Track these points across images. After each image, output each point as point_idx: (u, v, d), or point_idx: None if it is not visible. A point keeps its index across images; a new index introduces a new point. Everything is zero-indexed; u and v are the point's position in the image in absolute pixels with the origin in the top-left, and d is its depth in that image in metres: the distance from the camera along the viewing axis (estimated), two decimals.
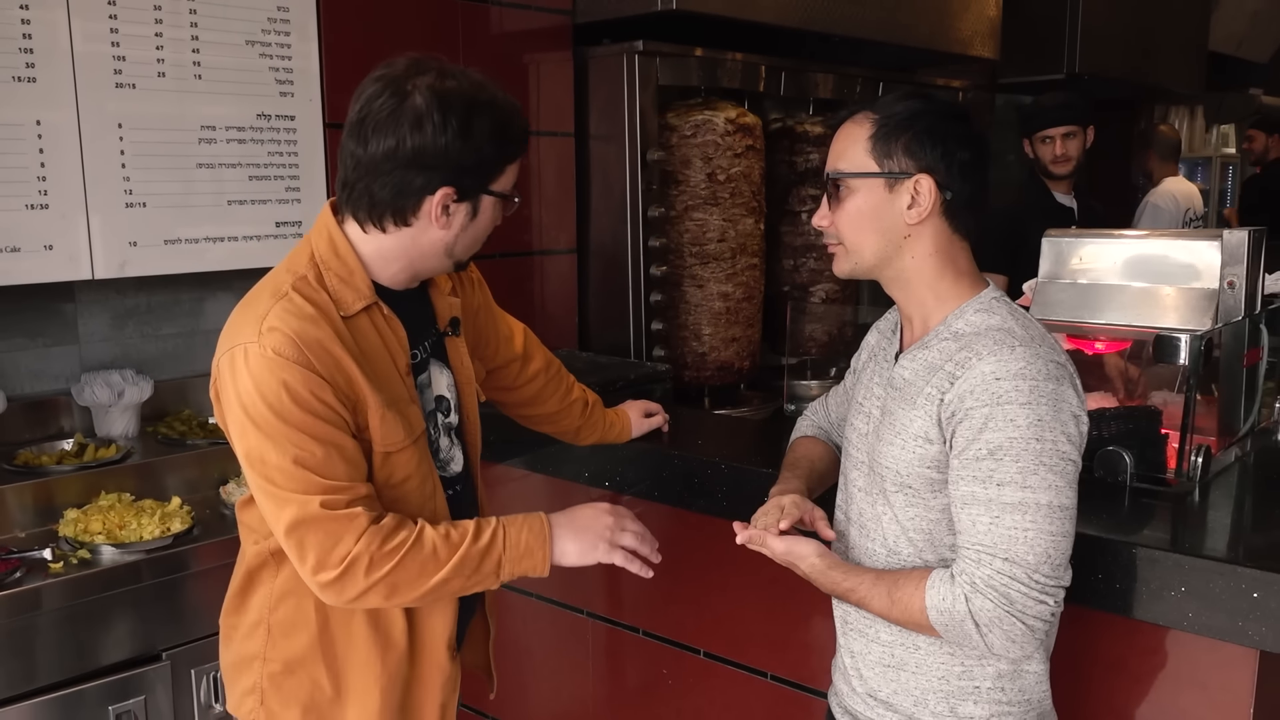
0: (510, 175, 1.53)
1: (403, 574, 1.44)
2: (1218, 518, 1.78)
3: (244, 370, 1.42)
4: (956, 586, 1.31)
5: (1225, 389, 1.98)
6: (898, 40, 3.85)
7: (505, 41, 3.16)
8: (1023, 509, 1.28)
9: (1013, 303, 1.44)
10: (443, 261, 1.56)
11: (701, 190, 3.42)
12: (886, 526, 1.46)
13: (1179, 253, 1.98)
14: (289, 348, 1.40)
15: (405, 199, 1.46)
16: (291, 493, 1.41)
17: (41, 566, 2.04)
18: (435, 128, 1.41)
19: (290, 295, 1.45)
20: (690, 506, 2.12)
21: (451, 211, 1.48)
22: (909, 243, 1.42)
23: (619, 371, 3.04)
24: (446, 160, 1.43)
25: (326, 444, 1.42)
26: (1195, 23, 6.07)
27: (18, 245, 2.29)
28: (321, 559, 1.42)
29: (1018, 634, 1.28)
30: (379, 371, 1.50)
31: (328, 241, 1.52)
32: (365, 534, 1.42)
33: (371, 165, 1.45)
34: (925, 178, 1.39)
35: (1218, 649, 1.52)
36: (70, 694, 2.02)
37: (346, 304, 1.49)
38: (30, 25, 2.26)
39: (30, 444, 2.49)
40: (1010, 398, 1.29)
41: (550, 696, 2.55)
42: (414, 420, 1.54)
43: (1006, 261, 3.35)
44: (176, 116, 2.49)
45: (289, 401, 1.40)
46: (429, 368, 1.65)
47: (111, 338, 2.71)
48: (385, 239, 1.51)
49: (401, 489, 1.52)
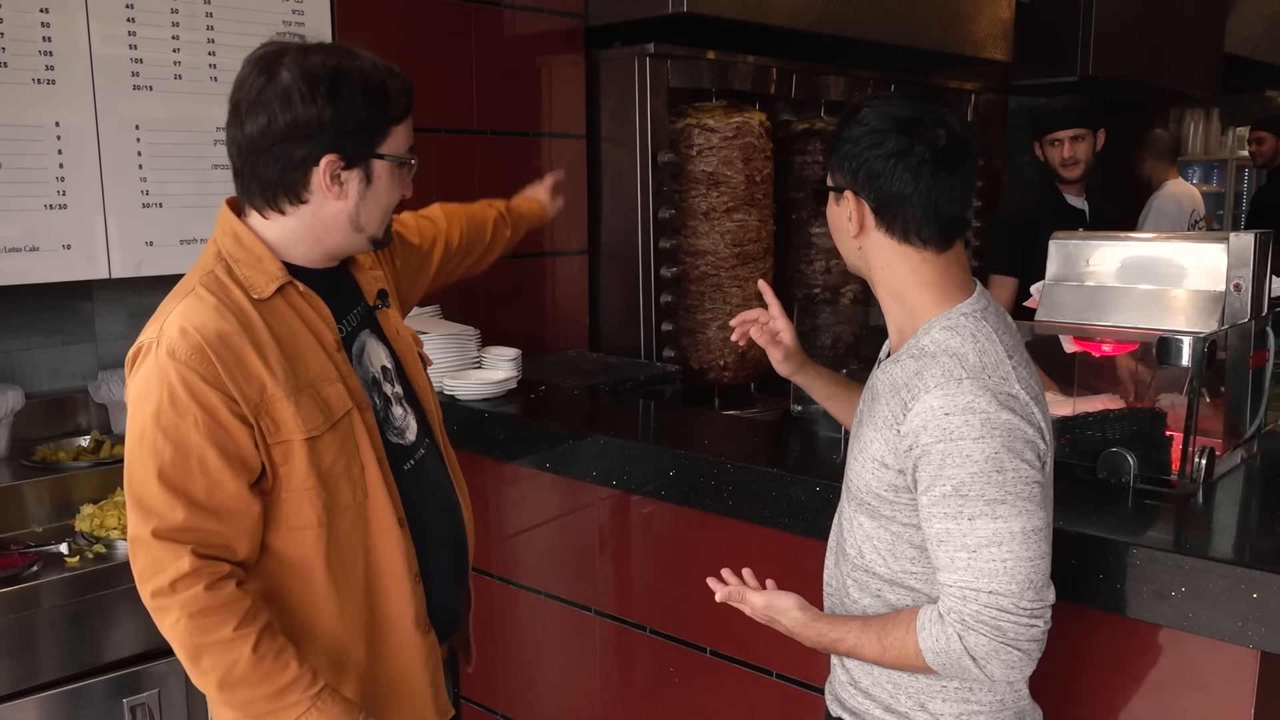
0: (399, 138, 1.52)
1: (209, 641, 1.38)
2: (1221, 519, 1.78)
3: (139, 370, 1.43)
4: (947, 625, 1.32)
5: (1231, 391, 1.98)
6: (910, 42, 3.86)
7: (518, 44, 3.19)
8: (998, 541, 1.28)
9: (981, 321, 1.38)
10: (352, 236, 1.54)
11: (741, 191, 3.46)
12: (856, 532, 1.48)
13: (1186, 255, 1.98)
14: (183, 347, 1.39)
15: (292, 173, 1.46)
16: (135, 506, 1.40)
17: (58, 561, 2.07)
18: (303, 98, 1.42)
19: (196, 291, 1.45)
20: (698, 506, 2.13)
21: (344, 180, 1.48)
22: (864, 254, 1.44)
23: (629, 372, 3.06)
24: (321, 129, 1.44)
25: (190, 457, 1.39)
26: (1210, 25, 6.04)
27: (37, 245, 2.33)
28: (142, 580, 1.40)
29: (1015, 660, 1.30)
30: (301, 353, 1.48)
31: (231, 236, 1.51)
32: (185, 576, 1.37)
33: (251, 147, 1.46)
34: (849, 193, 1.40)
35: (1219, 650, 1.52)
36: (84, 687, 2.05)
37: (259, 287, 1.48)
38: (50, 28, 2.30)
39: (48, 440, 2.53)
40: (962, 433, 1.28)
41: (557, 694, 2.57)
42: (335, 400, 1.50)
43: (1018, 263, 3.36)
44: (192, 118, 2.53)
45: (167, 404, 1.38)
46: (365, 342, 1.63)
47: (128, 336, 2.74)
48: (287, 221, 1.51)
49: (330, 475, 1.49)
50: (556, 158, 3.31)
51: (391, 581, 1.57)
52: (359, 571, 1.54)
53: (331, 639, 1.52)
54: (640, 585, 2.36)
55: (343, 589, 1.52)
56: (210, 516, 1.40)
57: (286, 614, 1.50)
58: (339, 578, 1.51)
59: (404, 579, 1.57)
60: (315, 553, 1.48)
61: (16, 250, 2.31)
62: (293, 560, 1.49)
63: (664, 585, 2.30)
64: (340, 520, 1.51)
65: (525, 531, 2.58)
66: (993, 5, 4.21)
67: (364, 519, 1.53)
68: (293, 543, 1.48)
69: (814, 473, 1.95)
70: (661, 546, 2.29)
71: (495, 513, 2.61)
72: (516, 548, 2.60)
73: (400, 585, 1.57)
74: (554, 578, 2.52)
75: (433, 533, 1.66)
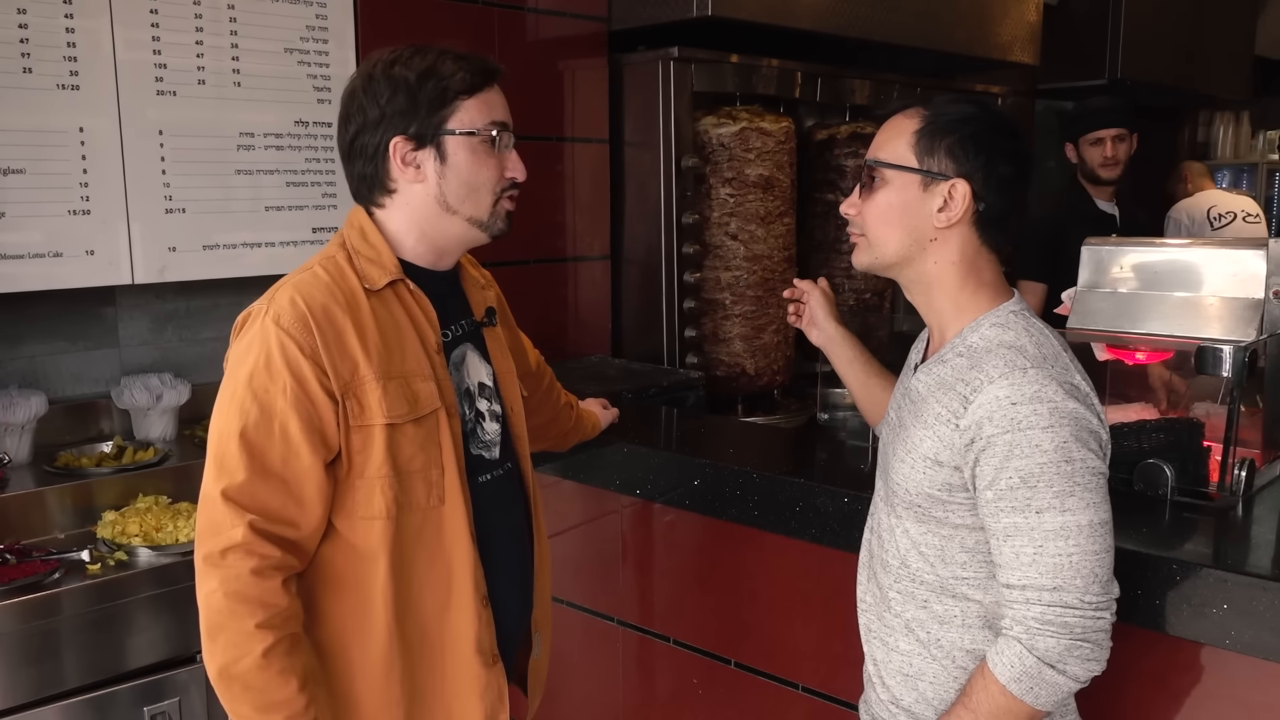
0: (471, 111, 1.54)
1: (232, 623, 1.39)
2: (1261, 533, 1.74)
3: (244, 334, 1.48)
4: (1014, 643, 1.29)
5: (1270, 401, 1.93)
6: (936, 46, 3.82)
7: (541, 48, 3.17)
8: (1064, 534, 1.26)
9: (1031, 317, 1.40)
10: (450, 221, 1.57)
11: (789, 194, 3.48)
12: (899, 539, 1.45)
13: (1223, 262, 1.94)
14: (289, 315, 1.44)
15: (373, 164, 1.55)
16: (212, 462, 1.43)
17: (79, 568, 2.06)
18: (366, 95, 1.53)
19: (314, 269, 1.52)
20: (722, 515, 2.10)
21: (418, 161, 1.53)
22: (934, 246, 1.41)
23: (652, 379, 3.04)
24: (384, 116, 1.52)
25: (273, 421, 1.42)
26: (1241, 27, 5.96)
27: (60, 250, 2.33)
28: (199, 539, 1.42)
29: (1089, 654, 1.27)
30: (401, 344, 1.52)
31: (357, 230, 1.58)
32: (237, 547, 1.38)
33: (345, 152, 1.58)
34: (962, 183, 1.37)
35: (1260, 668, 1.48)
36: (105, 695, 2.04)
37: (373, 279, 1.53)
38: (74, 34, 2.30)
39: (70, 446, 2.53)
40: (1031, 423, 1.27)
41: (581, 704, 2.55)
42: (425, 396, 1.51)
43: (1047, 269, 3.31)
44: (216, 123, 2.52)
45: (263, 367, 1.42)
46: (466, 353, 1.65)
47: (151, 341, 2.74)
48: (391, 213, 1.57)
49: (407, 470, 1.49)
50: (580, 162, 3.29)
51: (458, 597, 1.55)
52: (424, 578, 1.52)
53: (384, 641, 1.50)
54: (664, 595, 2.33)
55: (402, 590, 1.50)
56: (280, 486, 1.42)
57: (344, 604, 1.50)
58: (400, 577, 1.50)
59: (470, 596, 1.55)
60: (381, 544, 1.48)
61: (40, 256, 2.31)
62: (358, 548, 1.49)
63: (688, 596, 2.27)
64: (410, 517, 1.50)
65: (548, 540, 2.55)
66: (1020, 7, 4.16)
67: (437, 524, 1.53)
68: (360, 531, 1.48)
69: (841, 483, 1.92)
70: (685, 556, 2.27)
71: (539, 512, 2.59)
72: None
73: (465, 602, 1.55)
74: (576, 587, 2.49)
75: (500, 555, 1.63)
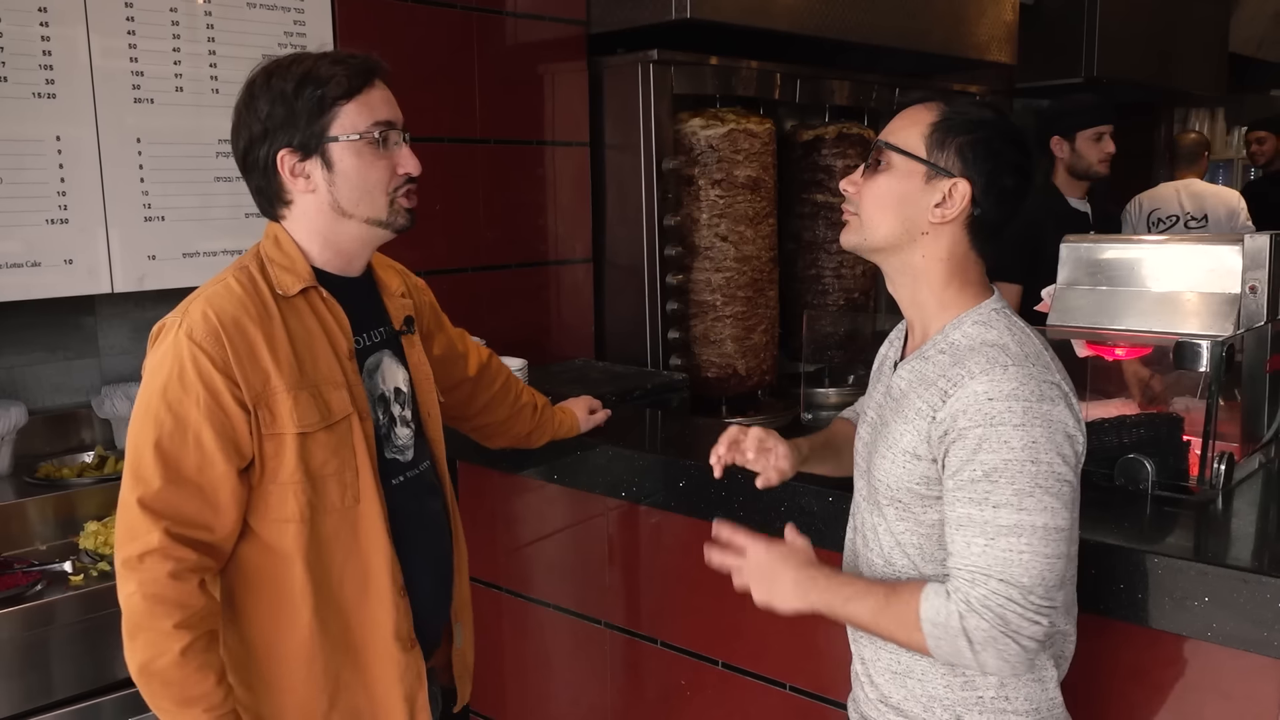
0: (352, 115, 1.53)
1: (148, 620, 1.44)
2: (1241, 526, 1.75)
3: (158, 346, 1.50)
4: (952, 603, 1.30)
5: (1248, 395, 1.95)
6: (914, 46, 3.84)
7: (520, 52, 3.17)
8: (1018, 531, 1.27)
9: (1013, 316, 1.42)
10: (347, 224, 1.58)
11: (772, 194, 3.50)
12: (883, 537, 1.46)
13: (1200, 258, 1.96)
14: (200, 329, 1.46)
15: (265, 178, 1.56)
16: (129, 472, 1.46)
17: (62, 579, 2.05)
18: (249, 110, 1.54)
19: (227, 281, 1.54)
20: (707, 516, 2.10)
21: (307, 171, 1.55)
22: (924, 240, 1.42)
23: (636, 381, 3.04)
24: (267, 130, 1.53)
25: (187, 431, 1.45)
26: (1215, 25, 6.02)
27: (38, 260, 2.31)
28: (117, 545, 1.46)
29: (1011, 654, 1.28)
30: (312, 353, 1.54)
31: (272, 239, 1.61)
32: (153, 552, 1.42)
33: (240, 166, 1.59)
34: (964, 184, 1.39)
35: (1242, 660, 1.49)
36: (89, 706, 2.03)
37: (285, 286, 1.56)
38: (50, 42, 2.29)
39: (51, 457, 2.51)
40: (1004, 419, 1.28)
41: (568, 707, 2.55)
42: (337, 403, 1.55)
43: (1023, 269, 3.31)
44: (194, 130, 2.51)
45: (176, 380, 1.45)
46: (381, 359, 1.68)
47: (131, 350, 2.72)
48: (292, 223, 1.59)
49: (320, 474, 1.53)
50: (560, 166, 3.29)
51: (375, 589, 1.60)
52: (341, 573, 1.58)
53: (306, 632, 1.56)
54: (650, 597, 2.33)
55: (321, 586, 1.56)
56: (194, 492, 1.46)
57: (265, 600, 1.55)
58: (318, 574, 1.55)
59: (388, 588, 1.61)
60: (295, 546, 1.53)
61: (18, 266, 2.29)
62: (274, 548, 1.53)
63: (674, 597, 2.28)
64: (325, 519, 1.55)
65: (533, 544, 2.56)
66: (997, 7, 4.19)
67: (353, 523, 1.58)
68: (275, 533, 1.53)
69: (826, 482, 1.92)
70: (671, 558, 2.27)
71: (503, 525, 2.59)
72: (525, 560, 2.57)
73: (383, 593, 1.60)
74: (563, 590, 2.49)
75: (419, 550, 1.69)
